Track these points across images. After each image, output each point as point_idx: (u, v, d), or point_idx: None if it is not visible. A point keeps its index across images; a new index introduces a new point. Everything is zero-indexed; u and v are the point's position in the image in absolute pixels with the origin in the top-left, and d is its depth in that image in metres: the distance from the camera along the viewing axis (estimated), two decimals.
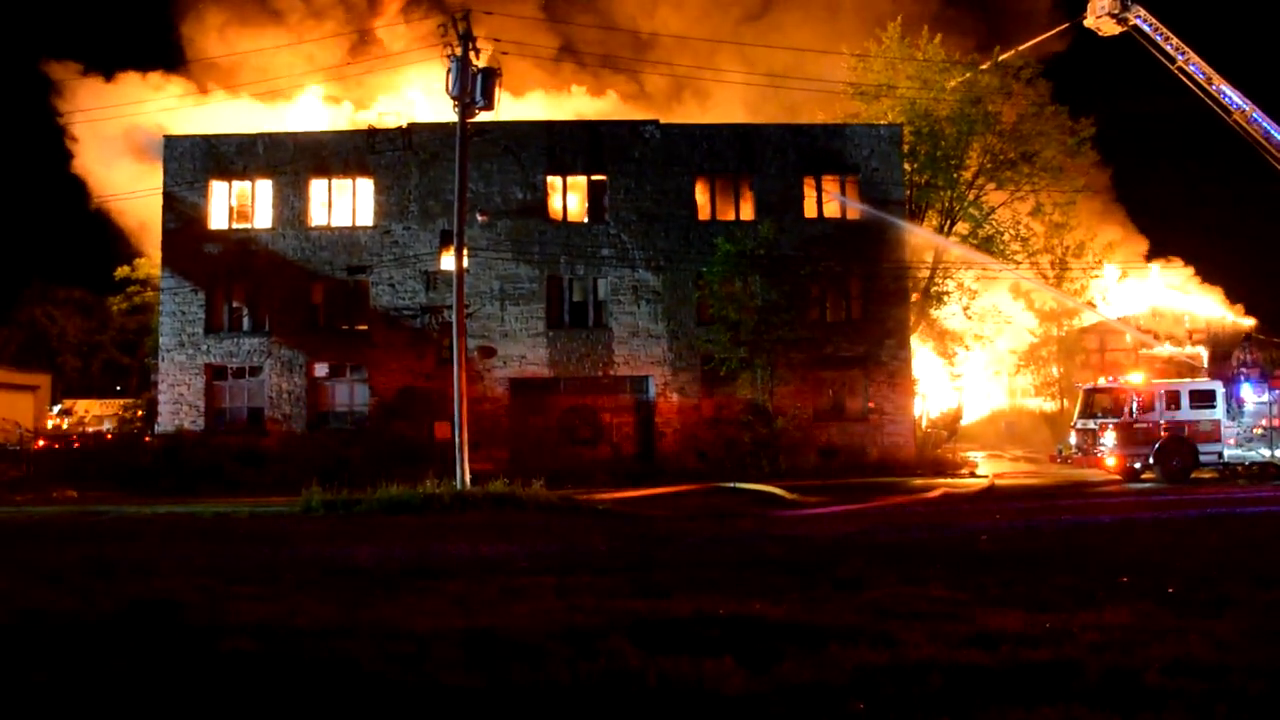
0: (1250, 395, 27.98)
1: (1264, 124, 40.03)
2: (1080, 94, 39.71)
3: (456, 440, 23.62)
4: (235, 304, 31.90)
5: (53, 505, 24.18)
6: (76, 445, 34.36)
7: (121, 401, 43.73)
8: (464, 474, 23.24)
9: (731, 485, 26.27)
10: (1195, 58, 40.61)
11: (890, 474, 29.23)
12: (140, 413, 36.85)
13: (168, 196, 31.61)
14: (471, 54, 23.83)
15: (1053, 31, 43.25)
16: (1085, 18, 42.40)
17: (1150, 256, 47.04)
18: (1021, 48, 40.24)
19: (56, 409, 49.10)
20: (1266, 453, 27.57)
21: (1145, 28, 41.15)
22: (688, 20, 53.61)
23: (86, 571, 12.79)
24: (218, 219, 31.86)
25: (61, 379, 55.06)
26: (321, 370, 31.59)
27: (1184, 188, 58.73)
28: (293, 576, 12.24)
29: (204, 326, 31.28)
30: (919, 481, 27.73)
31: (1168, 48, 40.90)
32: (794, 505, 22.09)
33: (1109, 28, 42.02)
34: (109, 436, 36.73)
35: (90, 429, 42.55)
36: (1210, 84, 40.43)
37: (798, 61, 42.05)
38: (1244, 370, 28.75)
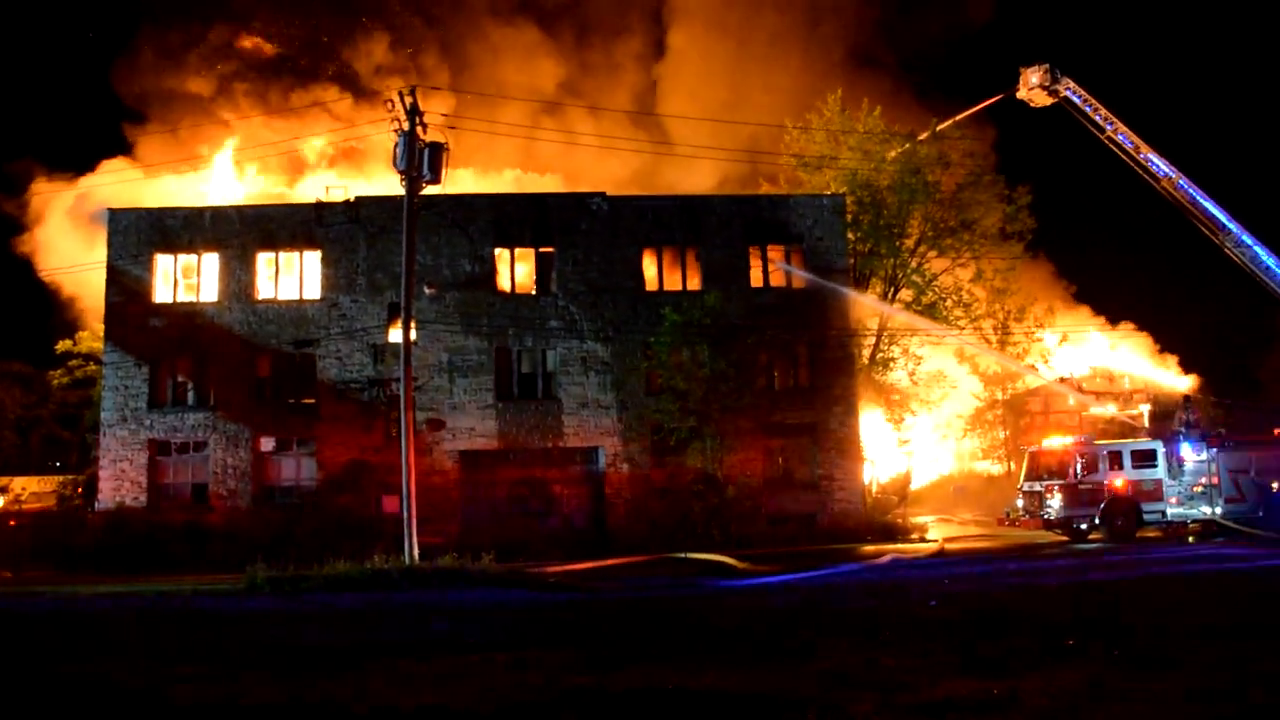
0: (1190, 454, 28.47)
1: (1190, 190, 41.26)
2: (1016, 163, 40.85)
3: (405, 514, 23.35)
4: (180, 378, 31.44)
5: None
6: (13, 523, 33.46)
7: (61, 478, 42.71)
8: (413, 549, 22.95)
9: (683, 555, 26.13)
10: (1123, 128, 41.88)
11: (841, 540, 29.23)
12: (80, 489, 35.99)
13: (111, 270, 31.25)
14: (419, 128, 24.03)
15: (987, 103, 44.42)
16: (1018, 90, 43.65)
17: (1089, 312, 48.06)
18: (958, 118, 41.35)
19: None
20: (1208, 510, 28.01)
21: (1075, 99, 42.43)
22: (637, 92, 54.43)
23: (20, 656, 12.46)
24: (162, 292, 31.51)
25: None
26: (268, 444, 31.14)
27: (1119, 252, 60.15)
28: (235, 657, 12.01)
29: (147, 401, 30.77)
30: (869, 548, 27.81)
31: (1097, 118, 42.16)
32: (745, 574, 22.05)
33: (1041, 99, 43.27)
34: (48, 513, 35.81)
35: (28, 506, 41.49)
36: (1138, 153, 41.66)
37: (752, 135, 42.77)
38: (1184, 430, 29.27)
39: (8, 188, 44.74)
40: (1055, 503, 27.85)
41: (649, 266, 32.28)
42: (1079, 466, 27.87)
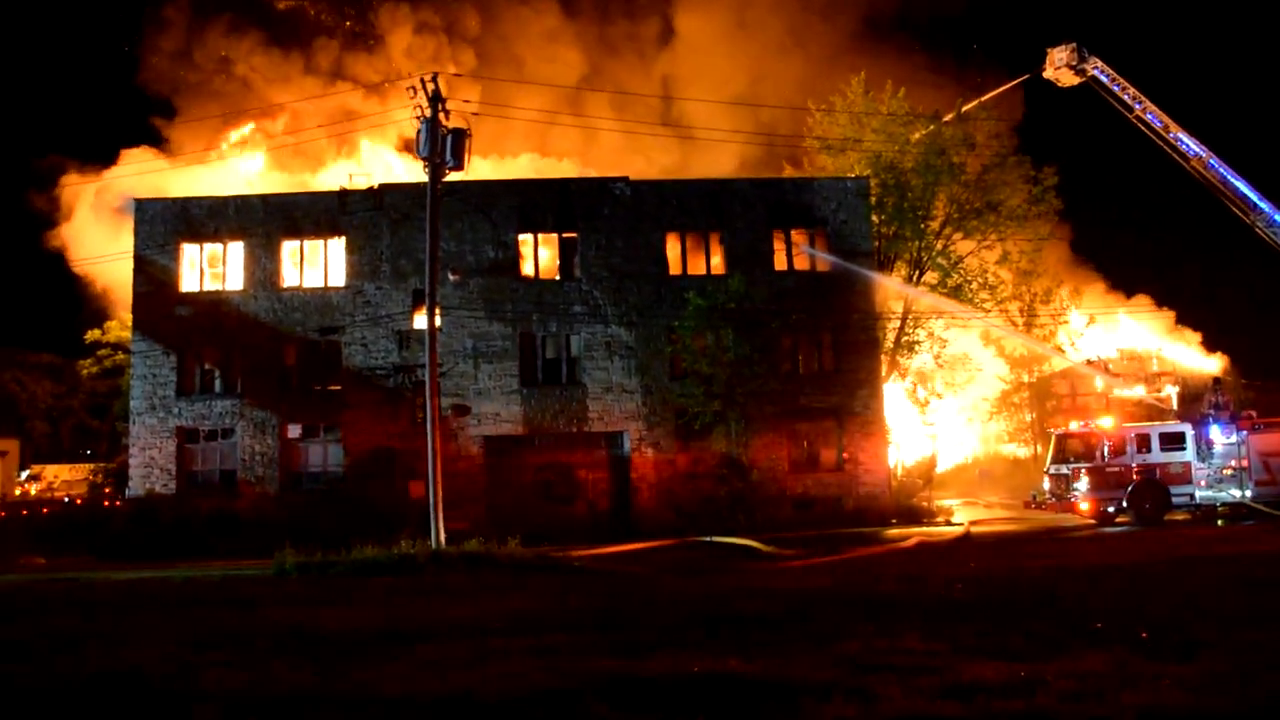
0: (1219, 437, 28.24)
1: (1220, 170, 40.81)
2: (1043, 143, 40.37)
3: (431, 500, 23.48)
4: (207, 366, 31.73)
5: (19, 573, 23.81)
6: (45, 511, 33.92)
7: (91, 466, 43.25)
8: (439, 534, 23.08)
9: (708, 539, 26.19)
10: (1152, 106, 41.46)
11: (866, 524, 29.24)
12: (111, 477, 36.44)
13: (138, 259, 31.52)
14: (441, 115, 24.04)
15: (1013, 83, 44.10)
16: (1045, 69, 43.26)
17: (1115, 295, 47.65)
18: (983, 98, 41.01)
19: (25, 474, 48.59)
20: (1237, 493, 27.79)
21: (1103, 78, 42.03)
22: (658, 76, 54.19)
23: (51, 641, 12.60)
24: (189, 281, 31.78)
25: (30, 444, 54.53)
26: (294, 431, 31.39)
27: (1150, 233, 59.50)
28: (264, 642, 12.10)
29: (175, 389, 31.06)
30: (895, 531, 27.76)
31: (1125, 97, 41.75)
32: (770, 558, 22.05)
33: (1068, 79, 42.90)
34: (79, 501, 36.27)
35: (60, 494, 42.03)
36: (1168, 132, 41.24)
37: (771, 117, 42.59)
38: (1213, 412, 29.02)
39: (38, 183, 45.28)
40: (1082, 486, 27.69)
41: (672, 251, 32.25)
42: (1106, 449, 27.68)
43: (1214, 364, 44.66)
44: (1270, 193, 41.29)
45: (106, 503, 33.49)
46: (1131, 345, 45.54)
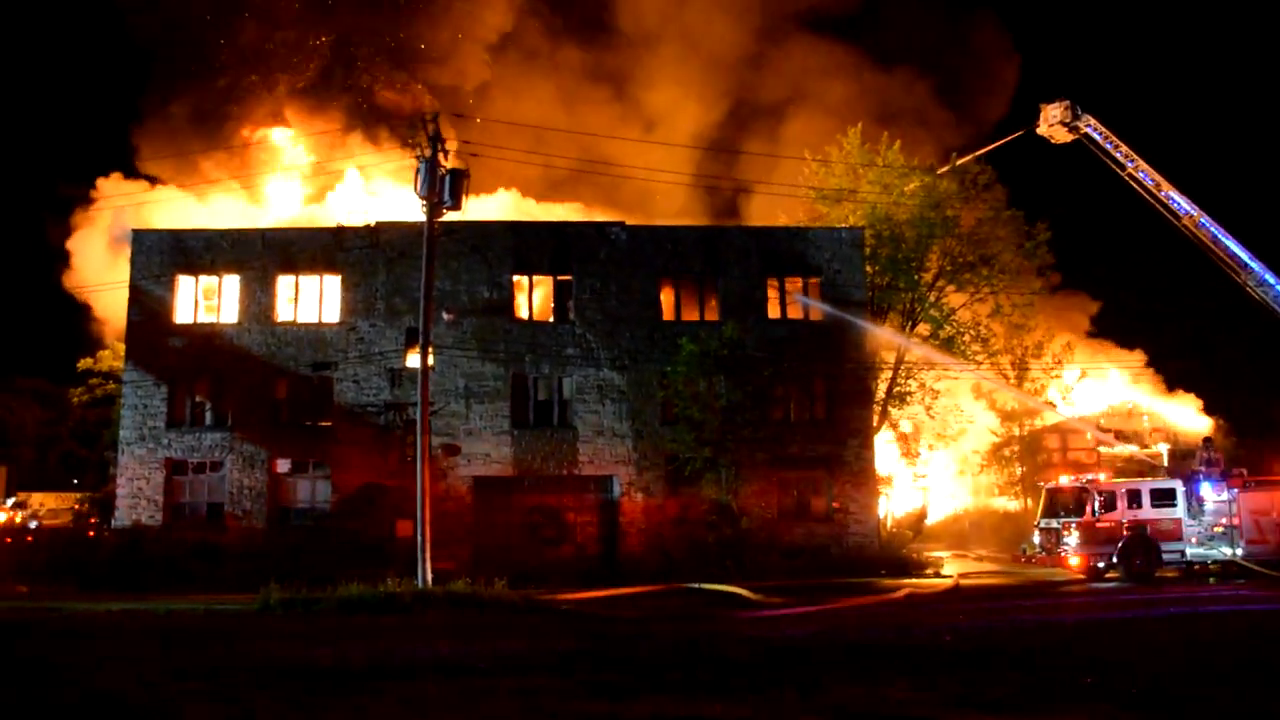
0: (1210, 494, 28.23)
1: (1211, 228, 41.12)
2: (1036, 198, 40.63)
3: (419, 539, 23.37)
4: (198, 398, 31.61)
5: (1, 601, 23.57)
6: (30, 540, 33.61)
7: (78, 495, 42.97)
8: (426, 573, 22.95)
9: (695, 586, 26.04)
10: (1144, 165, 41.85)
11: (855, 574, 29.05)
12: (97, 506, 36.19)
13: (134, 290, 31.51)
14: (440, 155, 24.20)
15: (1007, 139, 44.52)
16: (1038, 126, 43.71)
17: (1107, 348, 47.84)
18: (978, 153, 41.39)
19: (10, 501, 48.13)
20: (1228, 551, 27.74)
21: (1096, 136, 42.45)
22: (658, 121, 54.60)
23: (31, 671, 12.49)
24: (183, 313, 31.75)
25: (17, 470, 54.12)
26: (283, 466, 31.24)
27: (1140, 288, 59.63)
28: (247, 677, 12.01)
29: (165, 420, 30.93)
30: (884, 581, 27.63)
31: (1118, 155, 42.15)
32: (757, 606, 21.93)
33: (1061, 136, 43.32)
34: (64, 530, 35.97)
35: (45, 522, 41.67)
36: (1159, 190, 41.60)
37: (768, 165, 42.88)
38: (1204, 469, 29.04)
39: (54, 208, 45.48)
40: (1072, 541, 27.60)
41: (667, 296, 32.32)
42: (1097, 504, 27.62)
43: (1205, 421, 44.74)
44: (1261, 251, 41.62)
45: (92, 532, 33.20)
46: (1123, 400, 45.66)
